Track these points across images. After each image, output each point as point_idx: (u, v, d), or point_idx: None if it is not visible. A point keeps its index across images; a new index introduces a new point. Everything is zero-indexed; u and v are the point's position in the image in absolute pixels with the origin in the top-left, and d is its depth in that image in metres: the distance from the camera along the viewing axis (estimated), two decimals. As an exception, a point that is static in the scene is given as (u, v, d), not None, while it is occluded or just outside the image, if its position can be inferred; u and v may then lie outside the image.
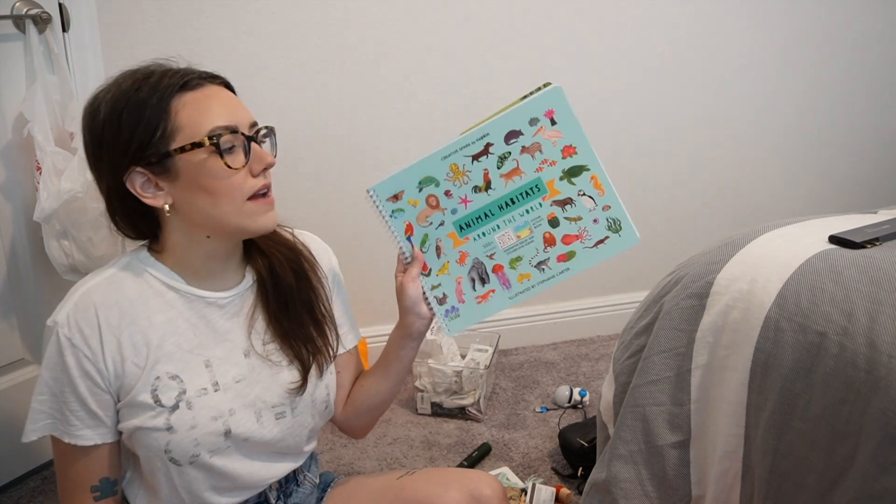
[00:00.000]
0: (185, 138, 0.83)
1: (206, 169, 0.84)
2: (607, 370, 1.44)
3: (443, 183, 0.97)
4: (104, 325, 0.86)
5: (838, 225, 1.16)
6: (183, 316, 0.90)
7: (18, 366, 1.60)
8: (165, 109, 0.83)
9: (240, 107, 0.88)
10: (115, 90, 0.85)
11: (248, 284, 0.96)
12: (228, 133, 0.85)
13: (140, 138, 0.83)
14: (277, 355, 0.96)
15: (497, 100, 2.10)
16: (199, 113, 0.84)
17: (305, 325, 0.98)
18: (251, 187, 0.87)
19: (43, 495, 1.58)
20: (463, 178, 0.96)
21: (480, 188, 0.96)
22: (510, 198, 0.96)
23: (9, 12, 1.44)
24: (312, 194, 1.96)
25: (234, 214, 0.87)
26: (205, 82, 0.86)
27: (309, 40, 1.83)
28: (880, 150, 2.55)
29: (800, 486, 0.96)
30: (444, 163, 0.96)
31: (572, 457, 1.63)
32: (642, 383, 1.15)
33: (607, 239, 0.97)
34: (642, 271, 2.35)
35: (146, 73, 0.86)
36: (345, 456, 1.72)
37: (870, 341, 0.88)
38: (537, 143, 0.93)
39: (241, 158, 0.86)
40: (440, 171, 0.96)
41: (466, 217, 0.97)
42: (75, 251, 1.49)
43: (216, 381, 0.90)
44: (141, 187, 0.85)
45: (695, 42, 2.18)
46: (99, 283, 0.89)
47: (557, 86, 0.91)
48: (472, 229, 0.97)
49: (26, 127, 1.44)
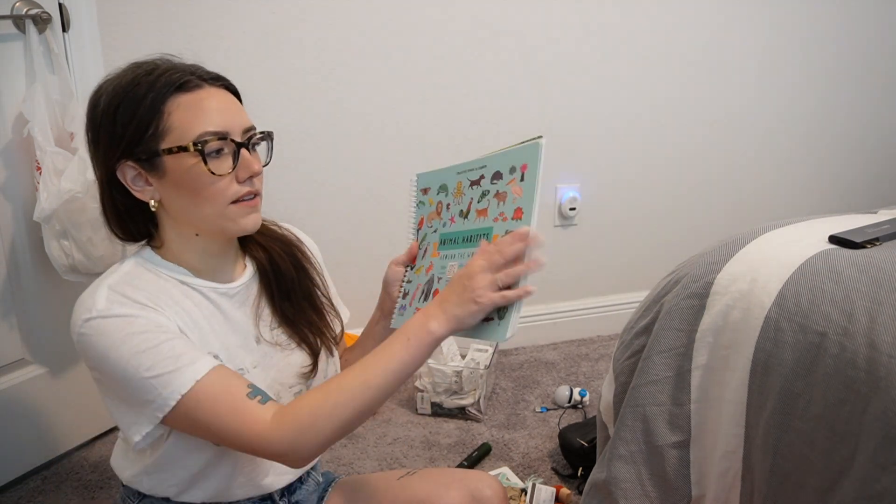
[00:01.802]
0: (174, 140, 0.84)
1: (191, 173, 0.85)
2: (607, 370, 1.44)
3: (448, 195, 0.99)
4: (147, 297, 0.85)
5: (838, 225, 1.16)
6: (199, 307, 0.91)
7: (18, 366, 1.60)
8: (159, 109, 0.84)
9: (235, 112, 0.88)
10: (117, 82, 0.86)
11: (251, 275, 0.99)
12: (216, 139, 0.85)
13: (132, 134, 0.84)
14: (286, 340, 0.99)
15: (497, 100, 2.11)
16: (190, 116, 0.84)
17: (306, 310, 1.02)
18: (235, 193, 0.87)
19: (43, 495, 1.58)
20: (459, 198, 0.97)
21: (463, 213, 0.96)
22: (470, 234, 0.94)
23: (9, 12, 1.44)
24: (313, 193, 1.97)
25: (215, 217, 0.88)
26: (204, 84, 0.86)
27: (310, 40, 1.83)
28: (880, 150, 2.55)
29: (800, 486, 0.96)
30: (456, 177, 0.98)
31: (572, 457, 1.63)
32: (642, 383, 1.15)
33: (490, 321, 0.86)
34: (642, 271, 2.35)
35: (148, 69, 0.86)
36: (345, 456, 1.72)
37: (870, 341, 0.88)
38: (505, 192, 0.89)
39: (228, 165, 0.86)
40: (452, 183, 0.98)
41: (446, 235, 0.98)
42: (75, 251, 1.49)
43: (240, 368, 0.92)
44: (132, 180, 0.87)
45: (696, 43, 2.18)
46: (117, 278, 0.88)
47: (540, 141, 0.85)
48: (445, 247, 0.98)
49: (26, 127, 1.44)
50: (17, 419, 1.59)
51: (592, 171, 2.21)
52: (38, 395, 1.62)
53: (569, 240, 2.27)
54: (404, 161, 1.99)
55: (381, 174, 2.00)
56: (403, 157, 1.99)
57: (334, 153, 1.95)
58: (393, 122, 1.97)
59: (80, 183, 1.42)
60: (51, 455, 1.68)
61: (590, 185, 2.22)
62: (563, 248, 2.27)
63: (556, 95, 2.09)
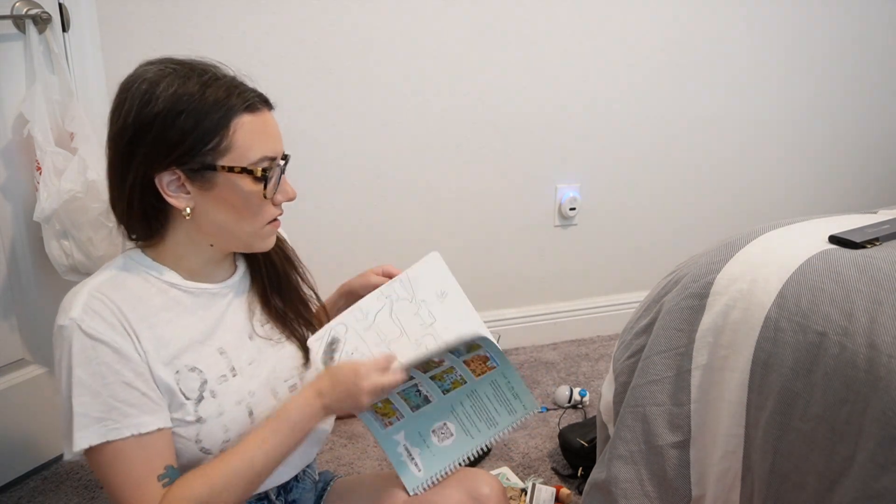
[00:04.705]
0: (235, 159, 0.85)
1: (243, 192, 0.86)
2: (607, 370, 1.44)
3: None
4: (122, 315, 0.84)
5: (838, 225, 1.16)
6: (189, 310, 0.91)
7: (18, 366, 1.60)
8: (226, 126, 0.84)
9: (280, 137, 0.91)
10: (179, 86, 0.83)
11: (243, 272, 1.00)
12: (272, 164, 0.88)
13: (191, 144, 0.83)
14: (276, 334, 0.99)
15: (495, 100, 2.10)
16: (254, 138, 0.86)
17: (295, 302, 1.04)
18: (272, 215, 0.91)
19: (43, 495, 1.58)
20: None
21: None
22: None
23: (9, 12, 1.44)
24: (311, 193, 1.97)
25: (249, 235, 0.91)
26: (263, 107, 0.88)
27: (310, 39, 1.83)
28: (880, 150, 2.55)
29: (800, 486, 0.96)
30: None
31: (572, 457, 1.63)
32: (642, 383, 1.15)
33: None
34: (642, 271, 2.35)
35: (210, 78, 0.85)
36: (345, 456, 1.72)
37: (870, 341, 0.88)
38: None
39: (274, 188, 0.89)
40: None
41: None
42: (75, 251, 1.49)
43: (233, 367, 0.92)
44: (167, 185, 0.85)
45: (695, 43, 2.18)
46: (102, 281, 0.87)
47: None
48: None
49: (26, 127, 1.44)
50: (17, 419, 1.59)
51: (592, 171, 2.21)
52: (38, 395, 1.62)
53: (569, 240, 2.27)
54: (404, 160, 2.00)
55: (379, 174, 2.00)
56: (402, 157, 2.00)
57: (334, 153, 1.95)
58: (391, 120, 1.97)
59: (80, 183, 1.42)
60: (51, 455, 1.68)
61: (590, 185, 2.22)
62: (563, 248, 2.27)
63: (557, 95, 2.09)
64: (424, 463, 1.00)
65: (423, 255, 1.04)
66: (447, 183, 2.07)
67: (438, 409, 1.00)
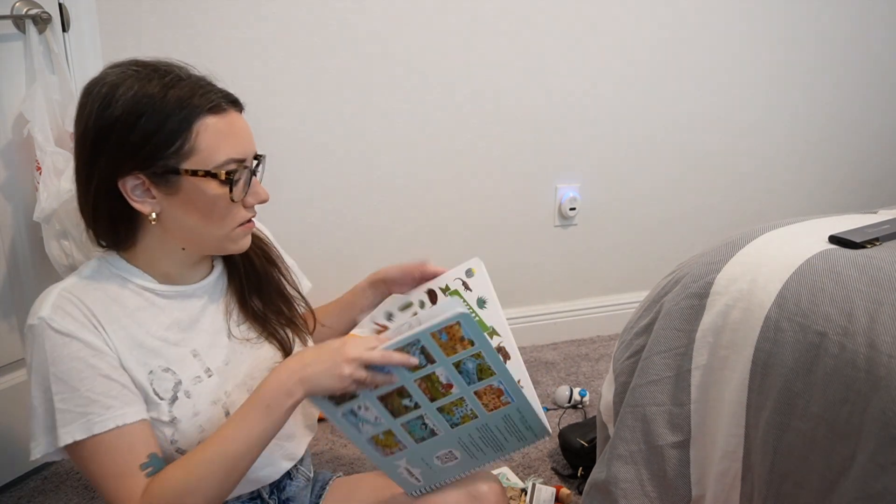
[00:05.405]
0: (199, 163, 0.83)
1: (208, 196, 0.84)
2: (607, 370, 1.44)
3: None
4: (92, 314, 0.84)
5: (838, 225, 1.16)
6: (164, 312, 0.90)
7: (18, 366, 1.60)
8: (188, 128, 0.82)
9: (251, 138, 0.89)
10: (139, 89, 0.81)
11: (219, 273, 0.99)
12: (239, 166, 0.86)
13: (153, 147, 0.81)
14: (254, 334, 0.98)
15: (495, 100, 2.10)
16: (218, 141, 0.83)
17: (276, 302, 1.02)
18: (242, 217, 0.89)
19: (43, 495, 1.58)
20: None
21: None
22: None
23: (9, 12, 1.44)
24: (311, 195, 1.97)
25: (219, 238, 0.89)
26: (229, 108, 0.86)
27: (310, 40, 1.83)
28: (880, 150, 2.55)
29: (800, 486, 0.96)
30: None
31: (572, 457, 1.63)
32: (642, 383, 1.15)
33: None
34: (642, 271, 2.35)
35: (173, 79, 0.83)
36: (345, 456, 1.72)
37: (870, 341, 0.88)
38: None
39: (242, 191, 0.87)
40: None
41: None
42: (75, 251, 1.49)
43: (207, 368, 0.91)
44: (131, 190, 0.83)
45: (694, 40, 2.18)
46: (73, 283, 0.86)
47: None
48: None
49: (26, 127, 1.44)
50: (17, 419, 1.59)
51: (592, 171, 2.21)
52: (38, 395, 1.62)
53: (569, 240, 2.27)
54: (404, 160, 2.00)
55: (375, 177, 2.00)
56: (402, 157, 2.00)
57: (334, 152, 1.95)
58: (392, 120, 1.97)
59: (80, 183, 1.42)
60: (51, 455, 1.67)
61: (590, 185, 2.22)
62: (563, 248, 2.27)
63: (557, 95, 2.09)
64: (425, 478, 0.99)
65: (423, 255, 1.03)
66: (447, 183, 2.07)
67: (444, 440, 0.94)
